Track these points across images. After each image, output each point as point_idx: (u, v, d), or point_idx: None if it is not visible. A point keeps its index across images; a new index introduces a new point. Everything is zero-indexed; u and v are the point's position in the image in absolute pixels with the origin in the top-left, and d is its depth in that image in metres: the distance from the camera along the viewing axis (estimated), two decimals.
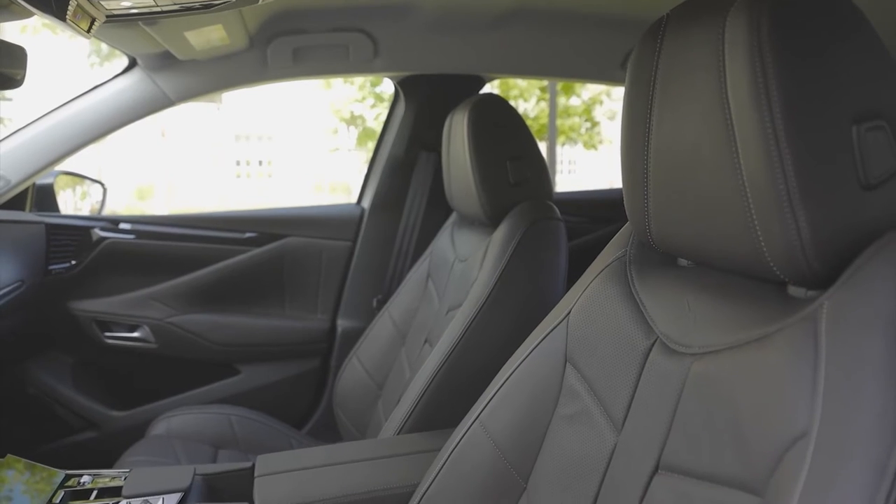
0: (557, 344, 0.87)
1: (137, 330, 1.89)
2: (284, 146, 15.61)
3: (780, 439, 0.53)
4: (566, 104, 12.69)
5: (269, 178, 15.76)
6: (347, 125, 13.75)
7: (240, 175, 15.66)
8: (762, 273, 0.61)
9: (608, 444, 0.75)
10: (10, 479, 1.04)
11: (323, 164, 14.45)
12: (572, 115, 12.82)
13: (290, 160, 15.41)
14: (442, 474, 0.93)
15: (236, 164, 15.62)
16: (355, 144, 13.70)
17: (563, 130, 12.73)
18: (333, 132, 14.26)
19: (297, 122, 15.08)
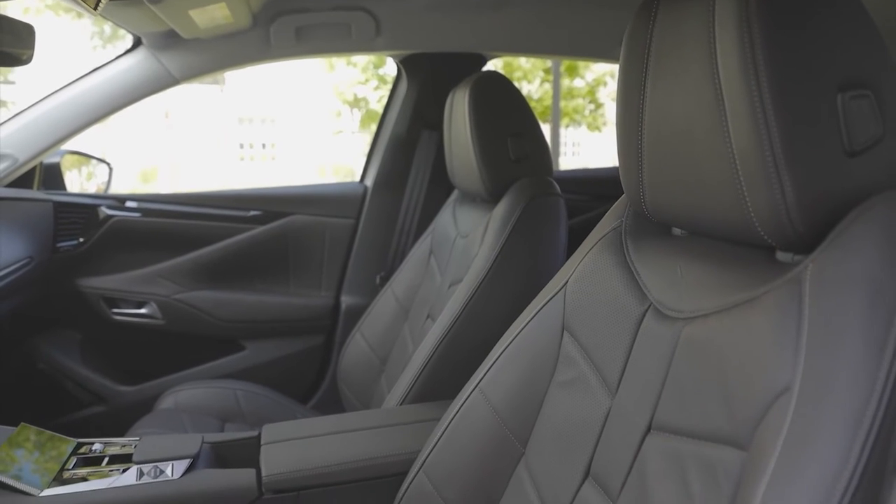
0: (555, 313, 0.89)
1: (144, 307, 1.92)
2: (288, 129, 15.59)
3: (764, 395, 0.55)
4: (570, 86, 12.64)
5: (272, 160, 15.76)
6: (351, 108, 13.71)
7: (243, 158, 15.66)
8: (751, 238, 0.63)
9: (603, 408, 0.78)
10: (23, 448, 1.07)
11: (326, 146, 14.43)
12: (576, 96, 12.78)
13: (293, 143, 15.39)
14: (443, 440, 0.96)
15: (240, 147, 15.62)
16: (359, 127, 13.68)
17: (567, 112, 12.69)
18: (337, 115, 14.23)
19: (301, 104, 15.04)
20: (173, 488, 0.99)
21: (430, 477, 0.96)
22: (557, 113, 11.16)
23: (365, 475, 1.05)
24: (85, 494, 0.97)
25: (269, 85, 14.66)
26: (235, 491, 1.01)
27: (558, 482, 0.81)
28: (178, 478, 1.01)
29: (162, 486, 0.99)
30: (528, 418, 0.89)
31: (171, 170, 12.56)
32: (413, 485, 0.98)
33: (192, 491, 1.00)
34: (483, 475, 0.92)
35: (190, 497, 0.99)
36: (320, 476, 1.03)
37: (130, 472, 1.01)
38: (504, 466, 0.90)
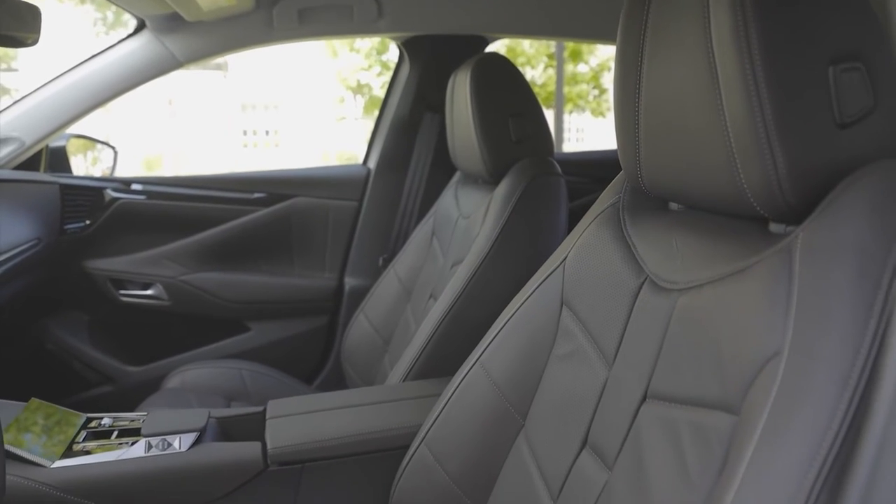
0: (554, 288, 0.91)
1: (151, 288, 1.94)
2: (291, 115, 15.57)
3: (755, 360, 0.57)
4: (574, 71, 12.58)
5: (276, 147, 15.76)
6: (354, 94, 13.69)
7: (247, 145, 15.66)
8: (744, 210, 0.65)
9: (600, 379, 0.80)
10: (35, 422, 1.09)
11: (330, 133, 14.42)
12: (580, 82, 12.72)
13: (296, 129, 15.38)
14: (444, 414, 0.98)
15: (243, 134, 15.61)
16: (362, 113, 13.66)
17: (571, 98, 12.64)
18: (340, 101, 14.21)
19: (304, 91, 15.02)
20: (181, 460, 1.02)
21: (431, 449, 0.98)
22: (561, 98, 11.12)
23: (368, 448, 1.07)
24: (95, 466, 0.99)
25: (273, 71, 14.64)
26: (241, 463, 1.03)
27: (556, 452, 0.82)
28: (186, 450, 1.03)
29: (170, 458, 1.02)
30: (528, 391, 0.91)
31: (175, 157, 12.58)
32: (415, 457, 1.00)
33: (199, 463, 1.02)
34: (483, 447, 0.94)
35: (197, 469, 1.02)
36: (324, 449, 1.06)
37: (139, 444, 1.04)
38: (504, 439, 0.92)
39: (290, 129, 15.50)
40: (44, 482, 0.96)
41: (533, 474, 0.85)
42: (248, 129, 15.69)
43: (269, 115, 15.84)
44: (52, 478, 0.97)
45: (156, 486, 1.00)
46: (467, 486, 0.94)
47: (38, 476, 0.96)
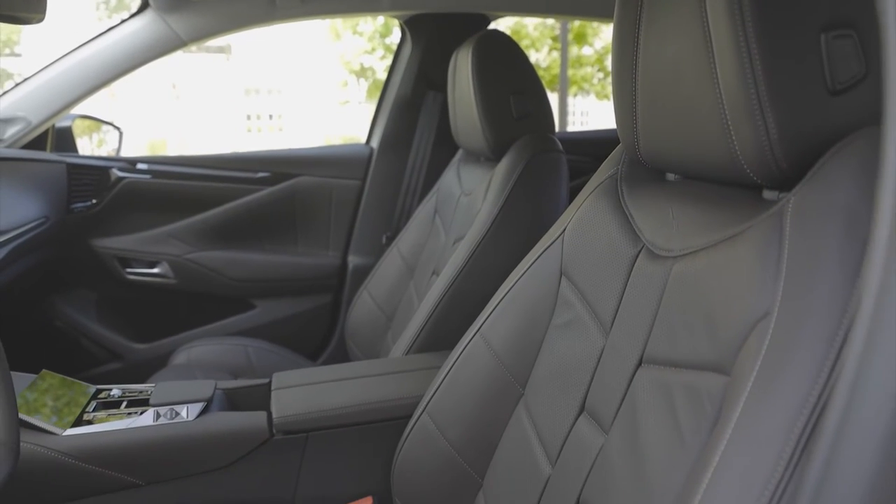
0: (553, 259, 0.92)
1: (157, 266, 1.96)
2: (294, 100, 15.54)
3: (745, 321, 0.58)
4: (578, 54, 12.52)
5: (279, 132, 15.75)
6: (357, 77, 13.65)
7: (250, 129, 15.66)
8: (738, 177, 0.66)
9: (598, 346, 0.81)
10: (46, 393, 1.12)
11: (333, 117, 14.40)
12: (585, 64, 12.66)
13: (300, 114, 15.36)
14: (445, 383, 1.00)
15: (246, 119, 15.61)
16: (365, 97, 13.63)
17: (576, 81, 12.59)
18: (343, 85, 14.18)
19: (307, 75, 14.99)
20: (188, 429, 1.04)
21: (433, 418, 1.00)
22: (565, 81, 11.08)
23: (371, 418, 1.09)
24: (105, 434, 1.02)
25: (276, 55, 14.60)
26: (248, 432, 1.06)
27: (555, 418, 0.84)
28: (193, 419, 1.05)
29: (178, 426, 1.04)
30: (527, 361, 0.92)
31: (179, 142, 12.59)
32: (417, 426, 1.02)
33: (206, 431, 1.04)
34: (484, 416, 0.96)
35: (204, 437, 1.04)
36: (328, 418, 1.08)
37: (147, 414, 1.06)
38: (504, 407, 0.94)
39: (293, 114, 15.49)
40: (56, 449, 0.98)
41: (532, 440, 0.87)
42: (251, 113, 15.68)
43: (273, 100, 15.83)
44: (64, 445, 0.99)
45: (164, 454, 1.03)
46: (468, 454, 0.97)
47: (51, 443, 0.99)
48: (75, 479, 0.99)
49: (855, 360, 0.35)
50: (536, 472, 0.84)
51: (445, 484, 0.98)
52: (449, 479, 0.98)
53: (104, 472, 1.00)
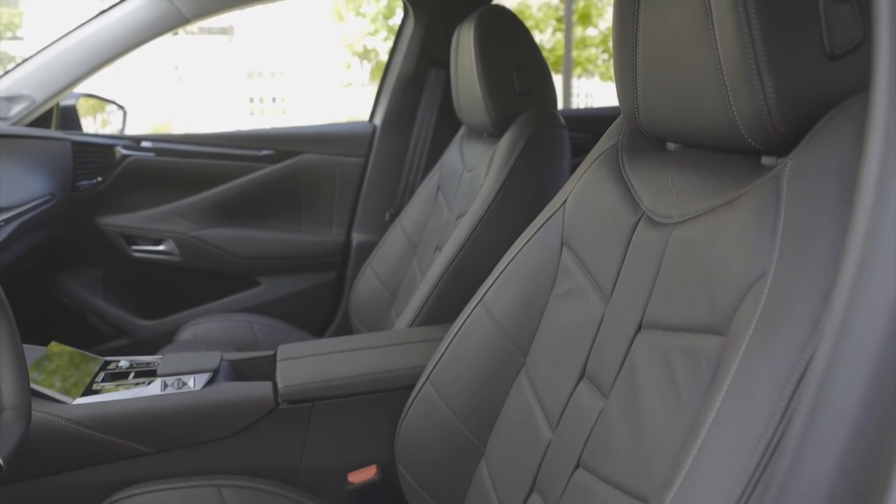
0: (554, 230, 0.93)
1: (162, 243, 1.98)
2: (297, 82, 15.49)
3: (742, 282, 0.59)
4: (583, 35, 12.43)
5: (282, 114, 15.72)
6: (360, 59, 13.59)
7: (253, 112, 15.62)
8: (737, 144, 0.67)
9: (598, 313, 0.82)
10: (55, 364, 1.14)
11: (336, 99, 14.35)
12: (589, 45, 12.58)
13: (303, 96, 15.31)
14: (448, 353, 1.02)
15: (249, 102, 15.57)
16: (368, 79, 13.57)
17: (580, 62, 12.51)
18: (346, 67, 14.11)
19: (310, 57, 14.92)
20: (195, 398, 1.06)
21: (435, 387, 1.02)
22: (569, 63, 11.01)
23: (375, 388, 1.11)
24: (113, 403, 1.04)
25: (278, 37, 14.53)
26: (253, 401, 1.08)
27: (556, 385, 0.86)
28: (200, 389, 1.07)
29: (185, 396, 1.06)
30: (529, 330, 0.94)
31: (182, 125, 12.58)
32: (420, 395, 1.03)
33: (212, 401, 1.06)
34: (486, 384, 0.97)
35: (211, 406, 1.06)
36: (333, 388, 1.09)
37: (155, 384, 1.08)
38: (506, 375, 0.96)
39: (296, 96, 15.44)
40: (66, 417, 1.00)
41: (533, 407, 0.89)
42: (254, 96, 15.63)
43: (276, 82, 15.77)
44: (74, 413, 1.01)
45: (171, 423, 1.05)
46: (470, 422, 0.98)
47: (61, 412, 1.01)
48: (85, 446, 1.01)
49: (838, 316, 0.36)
50: (537, 438, 0.85)
51: (448, 451, 1.00)
52: (451, 447, 1.00)
53: (113, 439, 1.02)
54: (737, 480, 0.51)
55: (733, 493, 0.51)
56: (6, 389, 0.78)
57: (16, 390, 0.79)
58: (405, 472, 1.04)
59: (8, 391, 0.78)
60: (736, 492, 0.51)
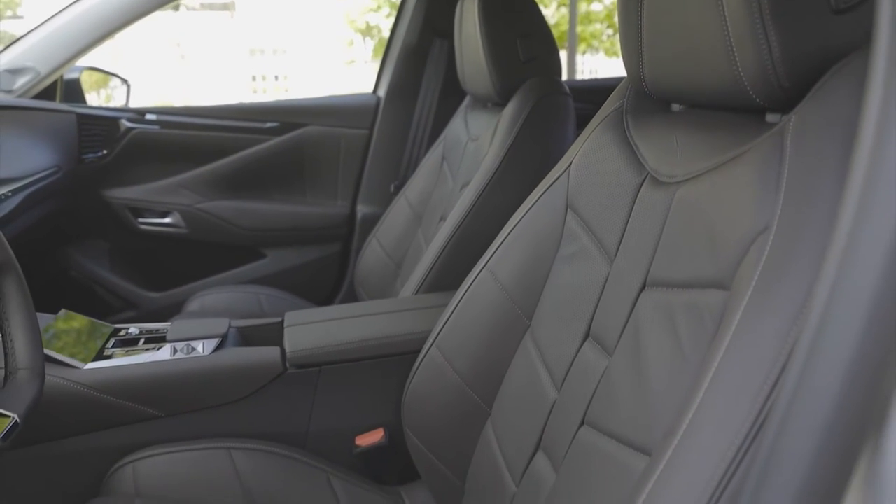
0: (559, 193, 0.94)
1: (168, 216, 1.99)
2: (300, 59, 15.40)
3: (745, 236, 0.60)
4: (588, 10, 12.31)
5: (285, 92, 15.65)
6: (363, 36, 13.49)
7: (255, 91, 15.56)
8: (742, 101, 0.67)
9: (602, 274, 0.83)
10: (67, 330, 1.15)
11: (339, 76, 14.27)
12: (594, 21, 12.46)
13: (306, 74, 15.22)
14: (453, 317, 1.03)
15: (252, 80, 15.50)
16: (371, 56, 13.49)
17: (585, 38, 12.41)
18: (349, 44, 14.02)
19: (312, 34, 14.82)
20: (205, 363, 1.08)
21: (442, 351, 1.03)
22: (574, 38, 10.91)
23: (382, 352, 1.12)
24: (124, 367, 1.05)
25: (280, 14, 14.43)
26: (262, 366, 1.09)
27: (560, 346, 0.87)
28: (209, 354, 1.09)
29: (194, 360, 1.08)
30: (534, 293, 0.94)
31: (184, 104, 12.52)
32: (426, 359, 1.05)
33: (221, 365, 1.08)
34: (491, 347, 0.98)
35: (220, 371, 1.08)
36: (340, 352, 1.11)
37: (165, 349, 1.10)
38: (511, 338, 0.96)
39: (299, 74, 15.36)
40: (78, 381, 1.02)
41: (538, 368, 0.90)
42: (256, 74, 15.56)
43: (278, 60, 15.68)
44: (86, 378, 1.03)
45: (181, 387, 1.06)
46: (476, 384, 0.99)
47: (73, 376, 1.02)
48: (97, 410, 1.03)
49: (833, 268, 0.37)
50: (542, 398, 0.87)
51: (454, 414, 1.01)
52: (458, 410, 1.01)
53: (124, 403, 1.04)
54: (739, 428, 0.52)
55: (735, 439, 0.52)
56: (20, 350, 0.80)
57: (29, 351, 0.80)
58: (412, 434, 1.06)
59: (21, 352, 0.80)
60: (738, 439, 0.52)
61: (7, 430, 0.71)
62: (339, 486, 1.06)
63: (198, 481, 1.02)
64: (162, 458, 1.04)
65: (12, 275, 0.84)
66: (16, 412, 0.73)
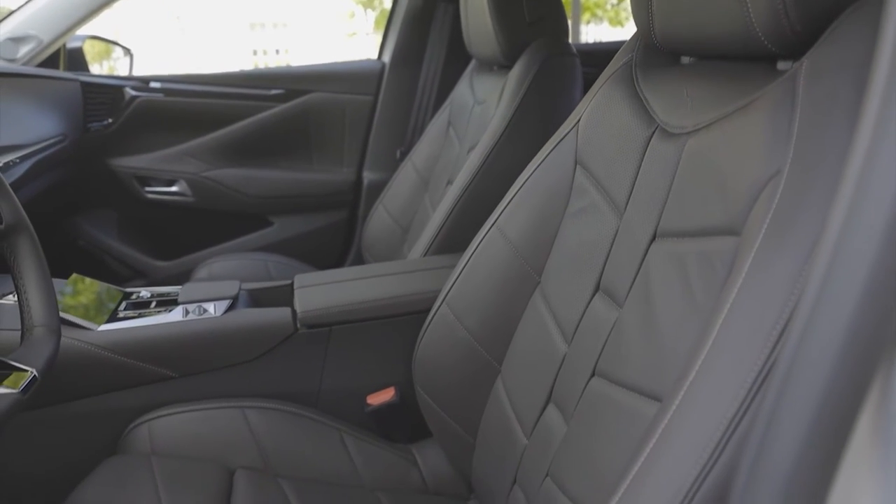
0: (568, 150, 0.94)
1: (175, 184, 1.99)
2: (300, 33, 15.27)
3: (757, 180, 0.60)
4: None
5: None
6: (364, 8, 13.35)
7: (257, 65, 15.44)
8: (753, 49, 0.66)
9: (612, 228, 0.83)
10: (79, 293, 1.16)
11: (341, 49, 14.16)
12: None
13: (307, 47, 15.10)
14: (463, 275, 1.03)
15: (253, 54, 15.38)
16: (373, 27, 13.35)
17: (588, 7, 12.25)
18: (350, 16, 13.89)
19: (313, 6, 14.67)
20: (216, 324, 1.09)
21: (452, 309, 1.03)
22: (578, 8, 10.77)
23: (392, 312, 1.13)
24: (137, 329, 1.07)
25: None
26: (273, 326, 1.10)
27: (570, 300, 0.87)
28: (221, 315, 1.10)
29: (206, 321, 1.09)
30: (543, 249, 0.95)
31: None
32: (436, 317, 1.05)
33: (233, 326, 1.09)
34: (501, 305, 0.99)
35: (231, 331, 1.09)
36: (350, 312, 1.12)
37: (176, 310, 1.11)
38: (520, 295, 0.97)
39: (300, 48, 15.23)
40: (92, 343, 1.03)
41: (548, 323, 0.90)
42: (257, 48, 15.43)
43: (279, 34, 15.55)
44: (99, 339, 1.04)
45: (194, 347, 1.07)
46: (486, 342, 1.00)
47: (87, 338, 1.04)
48: (111, 371, 1.04)
49: (844, 209, 0.37)
50: (553, 352, 0.87)
51: (465, 371, 1.02)
52: (468, 367, 1.02)
53: (138, 364, 1.05)
54: (751, 366, 0.52)
55: (747, 377, 0.52)
56: (35, 308, 0.81)
57: (44, 309, 0.81)
58: (423, 392, 1.07)
59: (37, 309, 0.81)
60: (750, 377, 0.52)
61: (27, 383, 0.72)
62: (352, 444, 1.08)
63: (212, 439, 1.04)
64: (177, 417, 1.05)
65: (25, 235, 0.85)
66: (34, 367, 0.74)
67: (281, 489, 0.97)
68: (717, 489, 0.52)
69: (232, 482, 0.97)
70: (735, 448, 0.51)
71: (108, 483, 0.93)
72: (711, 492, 0.51)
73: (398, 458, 1.10)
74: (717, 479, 0.52)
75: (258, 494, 0.95)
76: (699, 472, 0.52)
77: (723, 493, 0.52)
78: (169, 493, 0.92)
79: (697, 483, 0.52)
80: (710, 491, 0.52)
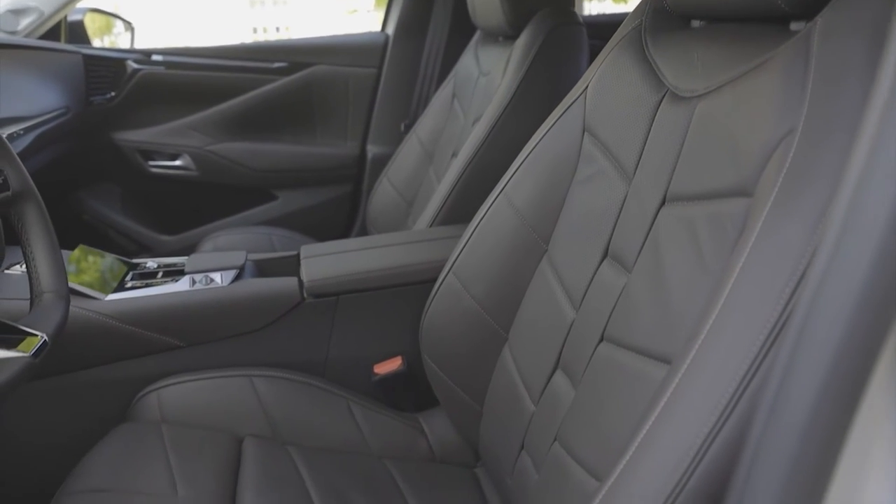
0: (576, 117, 0.93)
1: (178, 158, 1.98)
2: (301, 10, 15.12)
3: (770, 140, 0.59)
4: None
5: None
6: None
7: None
8: (765, 9, 0.66)
9: (620, 193, 0.83)
10: (86, 265, 1.16)
11: (342, 27, 14.03)
12: None
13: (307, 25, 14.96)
14: (470, 244, 1.03)
15: (253, 32, 15.23)
16: (374, 4, 13.22)
17: None
18: None
19: None
20: (223, 293, 1.09)
21: (459, 277, 1.03)
22: None
23: (398, 281, 1.13)
24: (144, 298, 1.07)
25: None
26: (280, 295, 1.10)
27: (578, 267, 0.87)
28: (227, 285, 1.10)
29: (213, 291, 1.09)
30: (550, 217, 0.94)
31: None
32: (443, 286, 1.05)
33: (240, 295, 1.09)
34: (508, 273, 0.98)
35: (238, 301, 1.09)
36: (357, 281, 1.12)
37: (183, 280, 1.11)
38: (528, 263, 0.97)
39: (301, 26, 15.09)
40: (100, 312, 1.04)
41: (556, 290, 0.90)
42: (257, 26, 15.29)
43: (279, 11, 15.40)
44: (107, 308, 1.04)
45: (201, 317, 1.08)
46: (493, 310, 1.00)
47: (95, 307, 1.04)
48: (119, 340, 1.05)
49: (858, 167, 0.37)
50: (560, 318, 0.87)
51: (472, 340, 1.02)
52: (476, 335, 1.02)
53: (145, 333, 1.05)
54: (763, 325, 0.52)
55: (759, 336, 0.52)
56: (44, 274, 0.81)
57: (53, 275, 0.81)
58: (430, 361, 1.07)
59: (46, 276, 0.81)
60: (762, 335, 0.52)
61: (38, 347, 0.72)
62: (359, 413, 1.08)
63: (220, 407, 1.05)
64: (186, 385, 1.06)
65: (32, 202, 0.84)
66: (45, 332, 0.75)
67: (289, 456, 0.98)
68: (730, 446, 0.52)
69: (241, 450, 0.98)
70: (747, 405, 0.51)
71: (118, 450, 0.94)
72: (723, 448, 0.52)
73: (405, 426, 1.10)
74: (728, 437, 0.52)
75: (267, 461, 0.95)
76: (710, 430, 0.52)
77: (735, 450, 0.52)
78: (179, 460, 0.92)
79: (708, 441, 0.52)
80: (722, 448, 0.52)
